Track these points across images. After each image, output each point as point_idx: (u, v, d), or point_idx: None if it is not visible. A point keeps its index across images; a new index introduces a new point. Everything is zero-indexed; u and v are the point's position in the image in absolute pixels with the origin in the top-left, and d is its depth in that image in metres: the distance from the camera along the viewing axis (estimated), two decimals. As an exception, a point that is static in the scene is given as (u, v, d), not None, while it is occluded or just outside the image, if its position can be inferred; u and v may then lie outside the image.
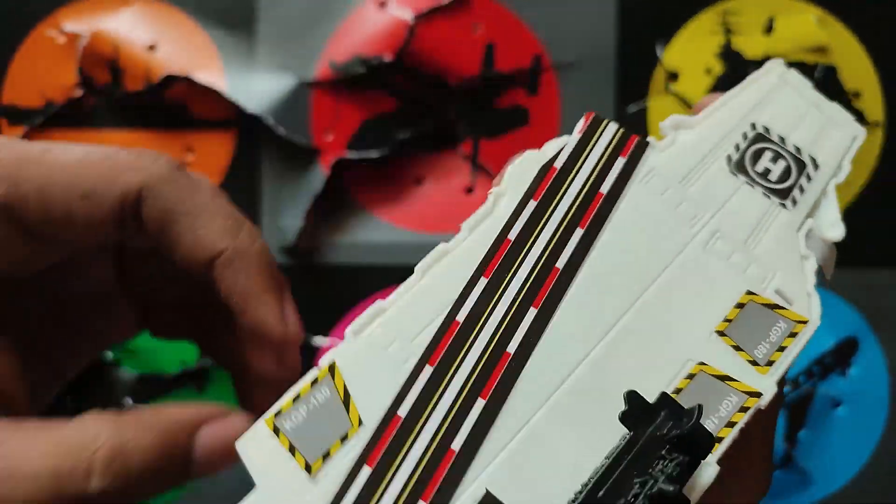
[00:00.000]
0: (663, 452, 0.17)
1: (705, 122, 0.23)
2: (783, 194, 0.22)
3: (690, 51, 0.41)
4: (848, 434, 0.41)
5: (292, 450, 0.18)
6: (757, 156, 0.23)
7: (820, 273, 0.22)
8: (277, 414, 0.18)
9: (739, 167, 0.23)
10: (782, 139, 0.23)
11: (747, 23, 0.41)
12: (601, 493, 0.17)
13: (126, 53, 0.40)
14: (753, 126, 0.23)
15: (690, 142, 0.23)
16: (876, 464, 0.41)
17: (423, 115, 0.41)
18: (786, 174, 0.23)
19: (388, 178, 0.41)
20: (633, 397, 0.18)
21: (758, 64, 0.41)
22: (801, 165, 0.23)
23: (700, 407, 0.17)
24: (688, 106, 0.41)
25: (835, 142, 0.24)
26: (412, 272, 0.20)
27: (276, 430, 0.18)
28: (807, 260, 0.22)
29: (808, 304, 0.21)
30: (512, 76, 0.41)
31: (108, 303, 0.24)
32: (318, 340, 0.40)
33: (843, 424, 0.41)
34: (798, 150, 0.23)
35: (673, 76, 0.41)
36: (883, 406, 0.41)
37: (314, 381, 0.18)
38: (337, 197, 0.41)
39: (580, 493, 0.17)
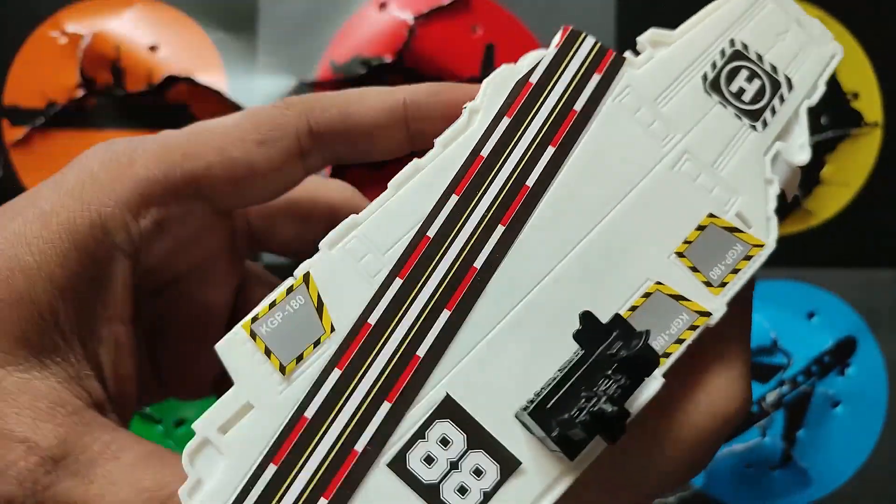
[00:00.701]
0: (609, 372, 0.18)
1: (683, 38, 0.23)
2: (755, 115, 0.22)
3: (689, 52, 0.41)
4: (846, 433, 0.41)
5: (268, 352, 0.19)
6: (732, 74, 0.22)
7: (782, 195, 0.22)
8: (254, 319, 0.19)
9: (714, 86, 0.22)
10: (759, 57, 0.23)
11: (746, 24, 0.41)
12: (550, 404, 0.18)
13: (127, 54, 0.40)
14: (732, 42, 0.23)
15: (667, 58, 0.22)
16: (874, 463, 0.41)
17: (424, 115, 0.41)
18: (759, 94, 0.22)
19: (388, 178, 0.41)
20: (587, 317, 0.19)
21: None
22: (776, 85, 0.23)
23: (648, 332, 0.18)
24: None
25: (812, 61, 0.23)
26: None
27: (253, 335, 0.19)
28: (770, 184, 0.22)
29: (766, 228, 0.21)
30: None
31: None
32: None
33: (841, 424, 0.41)
34: (774, 68, 0.23)
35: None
36: (881, 405, 0.41)
37: (289, 290, 0.19)
38: (337, 197, 0.42)
39: (532, 401, 0.18)
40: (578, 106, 0.21)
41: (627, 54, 0.22)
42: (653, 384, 0.19)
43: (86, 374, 0.20)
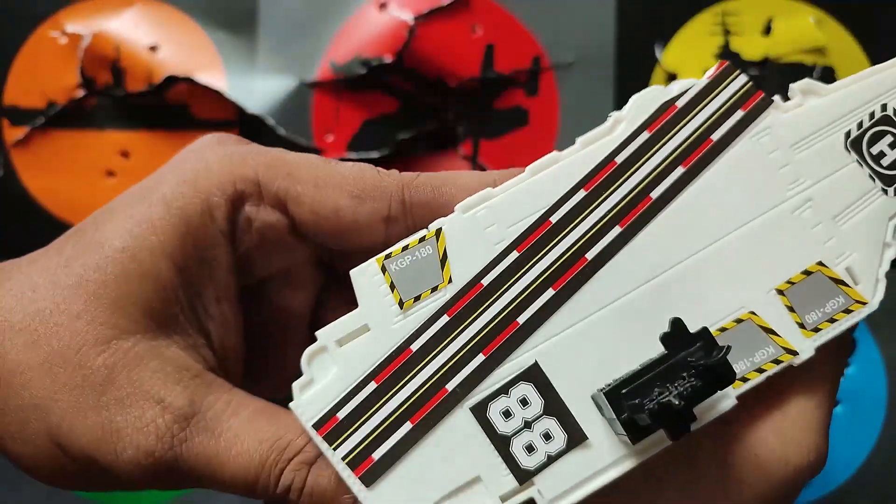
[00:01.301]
0: (686, 375, 0.19)
1: (837, 93, 0.23)
2: (889, 181, 0.23)
3: (689, 52, 0.41)
4: (846, 432, 0.41)
5: (392, 287, 0.22)
6: (877, 137, 0.23)
7: None
8: (388, 256, 0.22)
9: (855, 145, 0.23)
10: None
11: (746, 24, 0.41)
12: (625, 390, 0.20)
13: (127, 54, 0.40)
14: (884, 108, 0.23)
15: (816, 109, 0.23)
16: (874, 462, 0.41)
17: (424, 115, 0.41)
18: None
19: (388, 178, 0.42)
20: (676, 323, 0.20)
21: (756, 65, 0.41)
22: None
23: (728, 347, 0.19)
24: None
25: None
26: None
27: (384, 269, 0.22)
28: (889, 248, 0.23)
29: (873, 289, 0.22)
30: (511, 77, 0.41)
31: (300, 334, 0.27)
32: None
33: (841, 423, 0.41)
34: None
35: (672, 77, 0.41)
36: (881, 404, 0.41)
37: (422, 239, 0.22)
38: (337, 197, 0.42)
39: (609, 385, 0.20)
40: (716, 136, 0.23)
41: (777, 98, 0.23)
42: (726, 401, 0.21)
43: (201, 343, 0.23)
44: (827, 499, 0.41)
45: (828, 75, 0.41)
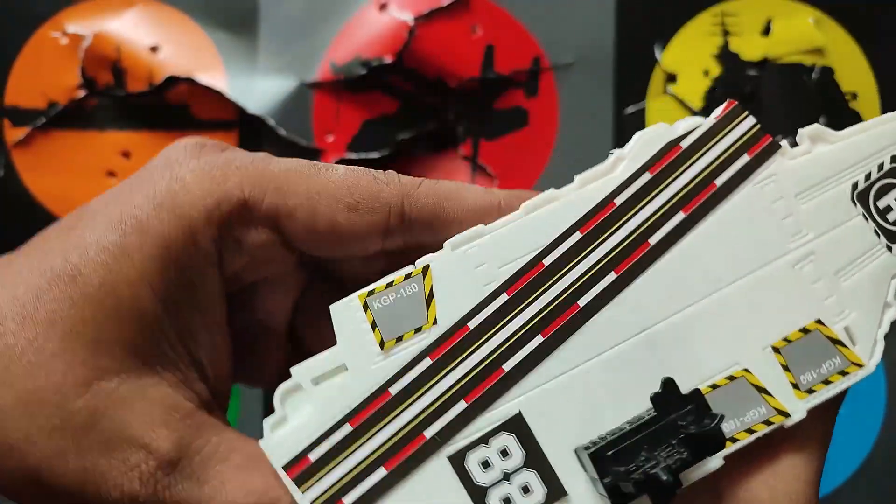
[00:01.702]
0: (674, 441, 0.19)
1: (846, 142, 0.22)
2: (894, 237, 0.22)
3: (688, 52, 0.41)
4: (845, 433, 0.41)
5: (374, 325, 0.21)
6: (884, 190, 0.22)
7: None
8: (370, 293, 0.21)
9: (861, 197, 0.22)
10: None
11: (745, 24, 0.41)
12: (610, 452, 0.19)
13: (128, 55, 0.40)
14: (893, 159, 0.22)
15: (823, 157, 0.22)
16: (873, 462, 0.41)
17: (424, 116, 0.41)
18: None
19: (388, 178, 0.42)
20: (668, 384, 0.20)
21: (755, 65, 0.41)
22: None
23: (721, 416, 0.19)
24: (686, 107, 0.41)
25: None
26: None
27: (366, 306, 0.21)
28: (889, 308, 0.22)
29: (870, 350, 0.21)
30: (511, 77, 0.41)
31: (276, 343, 0.26)
32: (319, 340, 0.41)
33: (840, 423, 0.41)
34: None
35: (671, 78, 0.41)
36: (880, 405, 0.41)
37: (407, 276, 0.21)
38: (338, 197, 0.42)
39: (594, 443, 0.20)
40: (720, 181, 0.22)
41: (784, 143, 0.22)
42: (712, 462, 0.20)
43: (192, 378, 0.21)
44: (826, 499, 0.41)
45: (827, 75, 0.41)
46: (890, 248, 0.22)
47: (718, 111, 0.22)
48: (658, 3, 0.41)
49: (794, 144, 0.23)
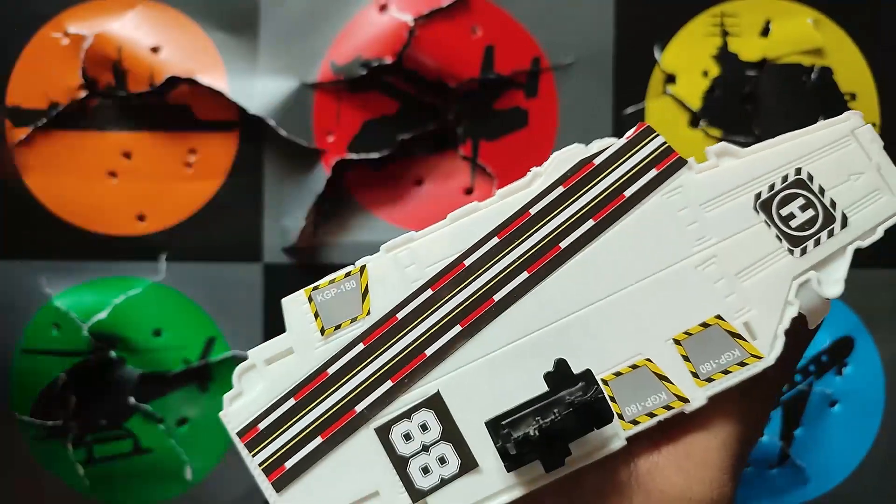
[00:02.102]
0: (557, 411, 0.21)
1: (752, 157, 0.24)
2: (796, 242, 0.24)
3: (687, 53, 0.41)
4: (844, 432, 0.41)
5: (316, 315, 0.24)
6: (787, 200, 0.24)
7: (802, 320, 0.23)
8: (315, 288, 0.24)
9: (764, 207, 0.24)
10: (822, 191, 0.24)
11: (744, 25, 0.41)
12: (505, 421, 0.22)
13: (129, 55, 0.41)
14: (798, 171, 0.24)
15: (729, 171, 0.24)
16: (871, 462, 0.41)
17: (424, 116, 0.41)
18: (809, 224, 0.24)
19: (388, 178, 0.42)
20: (560, 363, 0.23)
21: (754, 66, 0.41)
22: (829, 220, 0.24)
23: (599, 388, 0.21)
24: (685, 108, 0.41)
25: (879, 205, 0.24)
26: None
27: (311, 299, 0.24)
28: (790, 306, 0.23)
29: (770, 344, 0.23)
30: (511, 78, 0.41)
31: None
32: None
33: (838, 422, 0.41)
34: (833, 204, 0.24)
35: (670, 78, 0.41)
36: (878, 404, 0.41)
37: (347, 274, 0.24)
38: (338, 197, 0.42)
39: (496, 416, 0.22)
40: (629, 192, 0.24)
41: (691, 159, 0.24)
42: (616, 441, 0.23)
43: None
44: (825, 498, 0.41)
45: (825, 76, 0.41)
46: (791, 252, 0.23)
47: (630, 132, 0.24)
48: (657, 4, 0.41)
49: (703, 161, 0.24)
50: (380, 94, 0.41)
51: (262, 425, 0.23)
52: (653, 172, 0.24)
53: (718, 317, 0.23)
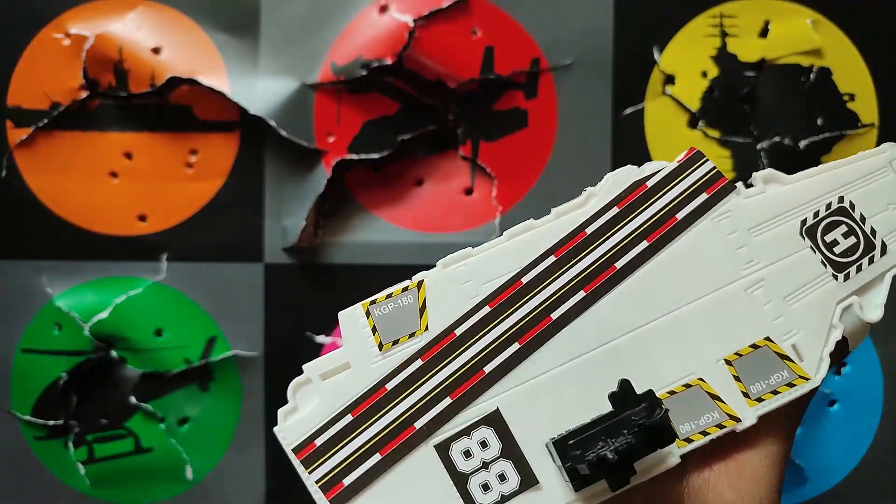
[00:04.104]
0: (626, 431, 0.21)
1: (796, 184, 0.25)
2: (840, 267, 0.25)
3: (686, 54, 0.41)
4: (843, 431, 0.41)
5: (374, 330, 0.24)
6: (831, 227, 0.25)
7: (844, 343, 0.25)
8: (373, 302, 0.24)
9: (810, 233, 0.25)
10: (863, 219, 0.25)
11: (743, 26, 0.41)
12: (571, 441, 0.22)
13: (131, 56, 0.41)
14: (840, 199, 0.25)
15: (775, 197, 0.25)
16: (870, 461, 0.41)
17: (424, 117, 0.41)
18: (851, 251, 0.25)
19: (388, 179, 0.42)
20: (624, 384, 0.22)
21: (753, 67, 0.41)
22: (870, 248, 0.25)
23: (667, 409, 0.22)
24: (684, 108, 0.41)
25: None
26: (413, 272, 0.25)
27: (368, 314, 0.24)
28: (835, 329, 0.24)
29: (816, 366, 0.24)
30: (510, 79, 0.41)
31: None
32: (320, 339, 0.41)
33: (837, 422, 0.41)
34: (874, 232, 0.25)
35: (669, 79, 0.41)
36: (877, 404, 0.41)
37: (405, 289, 0.24)
38: (338, 197, 0.42)
39: (561, 435, 0.22)
40: (680, 215, 0.25)
41: (739, 184, 0.25)
42: (671, 459, 0.23)
43: None
44: (824, 497, 0.41)
45: (824, 76, 0.41)
46: (836, 277, 0.24)
47: (681, 156, 0.25)
48: (656, 4, 0.41)
49: (749, 186, 0.25)
50: (380, 94, 0.41)
51: (318, 441, 0.23)
52: (703, 196, 0.25)
53: (768, 339, 0.24)
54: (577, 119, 0.41)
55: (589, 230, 0.24)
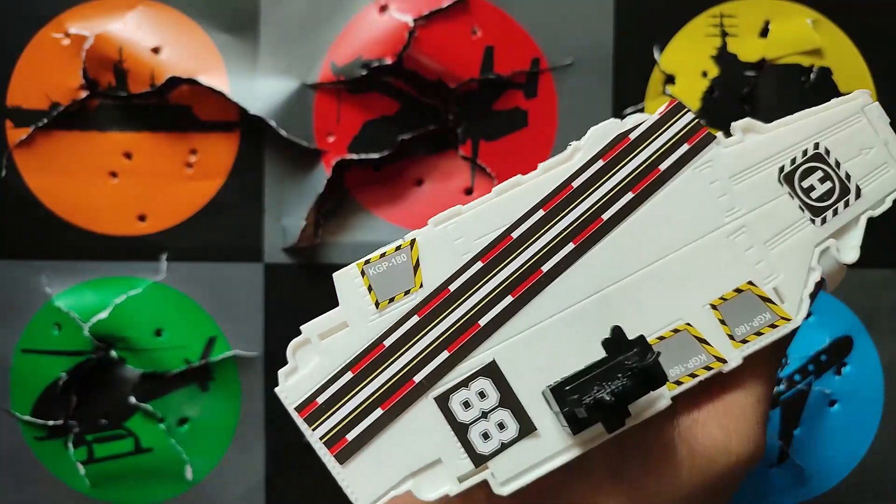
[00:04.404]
0: (621, 375, 0.22)
1: (774, 132, 0.26)
2: (816, 212, 0.25)
3: (687, 54, 0.41)
4: (842, 432, 0.41)
5: (370, 288, 0.24)
6: (808, 173, 0.26)
7: (822, 284, 0.25)
8: (367, 262, 0.24)
9: (788, 179, 0.26)
10: (837, 164, 0.26)
11: (743, 26, 0.41)
12: (568, 387, 0.22)
13: (130, 56, 0.41)
14: (816, 146, 0.26)
15: (754, 145, 0.26)
16: (870, 461, 0.41)
17: (424, 117, 0.41)
18: (827, 195, 0.25)
19: (388, 178, 0.42)
20: (616, 330, 0.24)
21: (753, 66, 0.41)
22: (845, 192, 0.26)
23: (658, 352, 0.22)
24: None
25: (887, 178, 0.26)
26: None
27: (363, 273, 0.24)
28: (813, 272, 0.25)
29: (797, 307, 0.25)
30: (510, 79, 0.41)
31: None
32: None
33: (837, 422, 0.41)
34: (848, 176, 0.26)
35: (670, 79, 0.41)
36: (877, 404, 0.41)
37: (398, 247, 0.24)
38: (338, 197, 0.42)
39: (556, 382, 0.23)
40: (663, 166, 0.25)
41: (719, 134, 0.25)
42: (661, 401, 0.24)
43: None
44: (824, 497, 0.41)
45: (824, 76, 0.41)
46: (813, 221, 0.25)
47: (662, 108, 0.26)
48: (657, 4, 0.41)
49: (729, 136, 0.26)
50: (380, 94, 0.41)
51: (320, 399, 0.24)
52: (685, 147, 0.25)
53: (750, 283, 0.25)
54: (577, 119, 0.41)
55: (575, 184, 0.25)
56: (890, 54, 0.41)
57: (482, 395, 0.24)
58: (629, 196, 0.25)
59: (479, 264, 0.24)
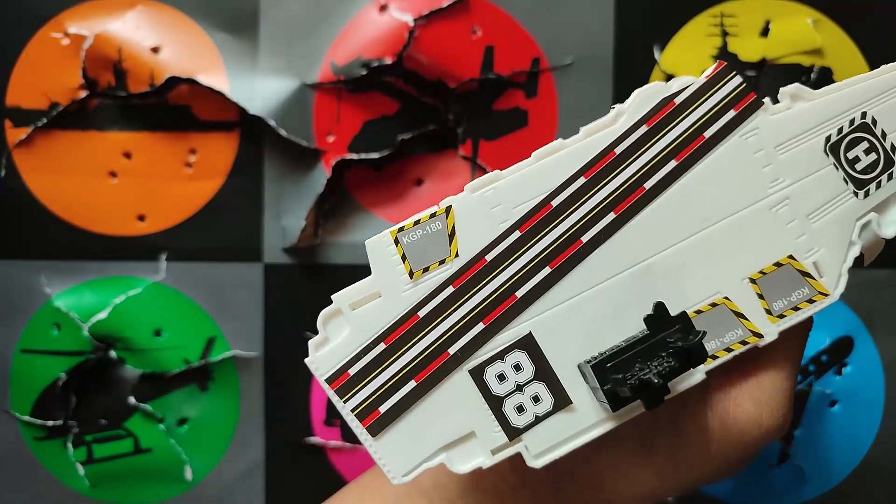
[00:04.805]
0: (664, 354, 0.22)
1: (821, 100, 0.25)
2: (860, 184, 0.25)
3: (687, 53, 0.41)
4: (843, 432, 0.41)
5: (404, 258, 0.23)
6: (853, 143, 0.25)
7: (860, 258, 0.25)
8: (401, 229, 0.23)
9: (833, 149, 0.25)
10: (884, 135, 0.25)
11: (743, 25, 0.41)
12: (609, 364, 0.22)
13: (130, 55, 0.41)
14: (863, 115, 0.25)
15: (801, 113, 0.25)
16: (871, 461, 0.41)
17: (424, 116, 0.41)
18: (872, 167, 0.25)
19: (388, 178, 0.42)
20: (659, 307, 0.23)
21: (754, 66, 0.41)
22: (890, 164, 0.25)
23: (703, 333, 0.22)
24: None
25: None
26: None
27: (397, 241, 0.23)
28: (854, 246, 0.24)
29: (836, 282, 0.24)
30: (511, 78, 0.41)
31: None
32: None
33: (838, 423, 0.41)
34: (893, 148, 0.25)
35: (670, 78, 0.41)
36: (878, 404, 0.41)
37: (433, 214, 0.23)
38: (338, 197, 0.42)
39: (595, 358, 0.23)
40: (708, 133, 0.24)
41: (767, 100, 0.25)
42: (696, 376, 0.23)
43: None
44: (824, 498, 0.41)
45: (825, 76, 0.41)
46: (857, 194, 0.25)
47: (709, 70, 0.24)
48: (657, 4, 0.41)
49: (776, 102, 0.25)
50: (380, 94, 0.41)
51: (352, 371, 0.23)
52: (731, 113, 0.24)
53: (791, 257, 0.24)
54: (577, 118, 0.41)
55: (618, 150, 0.24)
56: (890, 54, 0.41)
57: (518, 367, 0.23)
58: (672, 164, 0.24)
59: (516, 233, 0.24)
